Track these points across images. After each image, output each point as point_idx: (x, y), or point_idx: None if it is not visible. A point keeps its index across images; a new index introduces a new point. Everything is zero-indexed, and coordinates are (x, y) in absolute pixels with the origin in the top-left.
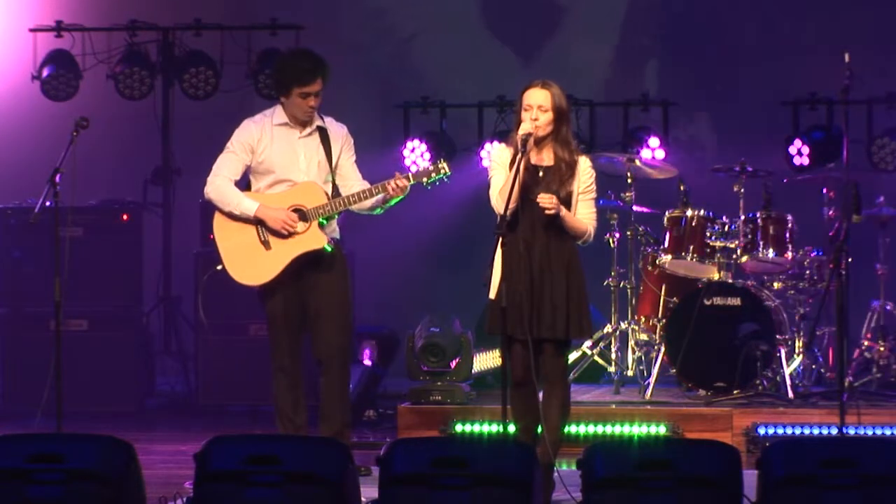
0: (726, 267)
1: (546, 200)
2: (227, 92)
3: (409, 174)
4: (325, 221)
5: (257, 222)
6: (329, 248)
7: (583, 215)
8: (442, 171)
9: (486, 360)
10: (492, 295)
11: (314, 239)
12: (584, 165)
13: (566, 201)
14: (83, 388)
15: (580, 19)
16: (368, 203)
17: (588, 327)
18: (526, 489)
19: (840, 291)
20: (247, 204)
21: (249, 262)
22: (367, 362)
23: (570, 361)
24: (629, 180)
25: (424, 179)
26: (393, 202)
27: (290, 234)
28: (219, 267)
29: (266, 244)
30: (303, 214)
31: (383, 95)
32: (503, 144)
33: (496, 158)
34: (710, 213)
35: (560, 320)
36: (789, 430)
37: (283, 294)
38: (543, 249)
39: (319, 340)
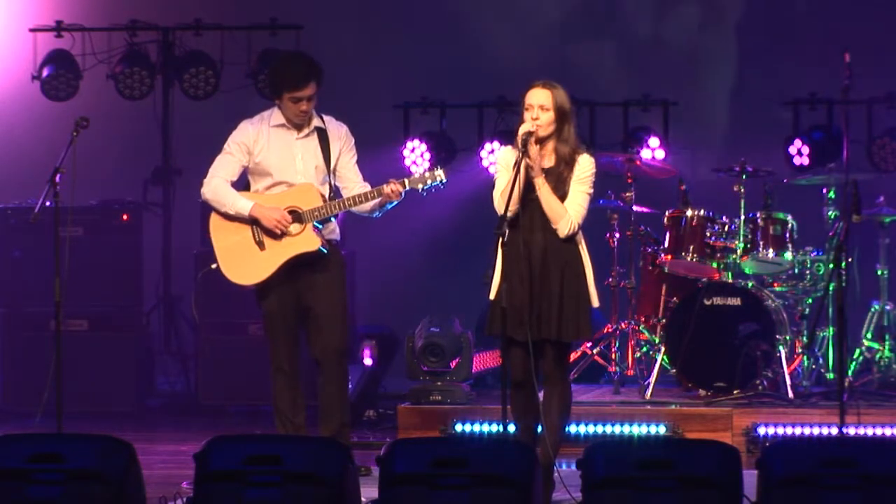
0: (726, 267)
1: (535, 164)
2: (227, 92)
3: (405, 179)
4: (320, 224)
5: (252, 222)
6: (324, 250)
7: (569, 203)
8: (438, 178)
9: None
10: (492, 295)
11: (308, 241)
12: (583, 160)
13: (564, 200)
14: (83, 388)
15: (580, 19)
16: (367, 206)
17: (586, 329)
18: (526, 489)
19: (840, 291)
20: (242, 203)
21: (244, 261)
22: (368, 361)
23: (570, 361)
24: (629, 180)
25: (420, 185)
26: (388, 206)
27: (285, 235)
28: (213, 266)
29: (261, 244)
30: (298, 216)
31: (383, 95)
32: (509, 146)
33: (500, 160)
34: (710, 213)
35: (557, 321)
36: (789, 430)
37: (279, 294)
38: (543, 250)
39: (318, 341)
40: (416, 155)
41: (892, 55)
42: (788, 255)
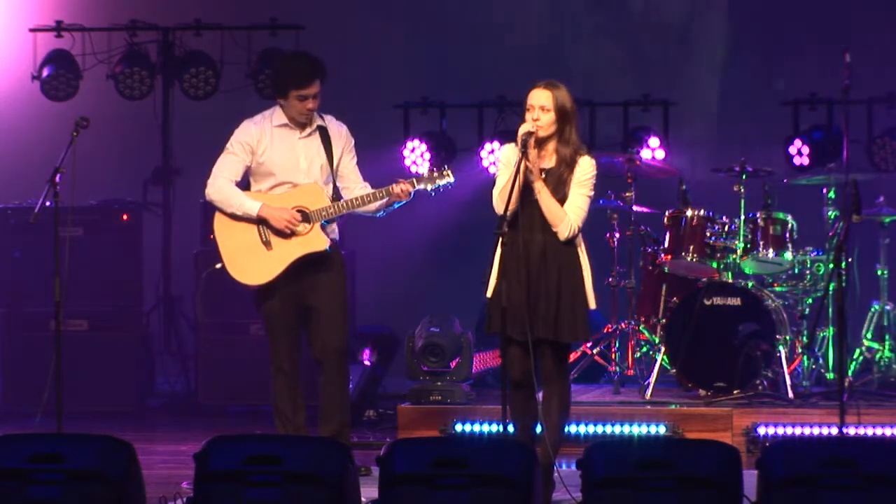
0: (726, 267)
1: (534, 168)
2: (227, 92)
3: (413, 179)
4: (326, 223)
5: (259, 222)
6: (330, 249)
7: (569, 205)
8: (446, 178)
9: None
10: (488, 293)
11: (317, 241)
12: (584, 162)
13: (563, 201)
14: (83, 388)
15: (581, 18)
16: (373, 206)
17: (583, 330)
18: (526, 489)
19: (840, 291)
20: (249, 204)
21: (250, 261)
22: (367, 363)
23: (569, 361)
24: (629, 180)
25: (428, 185)
26: (395, 206)
27: (293, 235)
28: (218, 265)
29: (268, 244)
30: (306, 216)
31: (383, 95)
32: (511, 144)
33: (503, 159)
34: (710, 213)
35: (554, 321)
36: (789, 430)
37: (280, 294)
38: (541, 250)
39: (318, 340)
40: (416, 155)
41: (892, 55)
42: (788, 255)
